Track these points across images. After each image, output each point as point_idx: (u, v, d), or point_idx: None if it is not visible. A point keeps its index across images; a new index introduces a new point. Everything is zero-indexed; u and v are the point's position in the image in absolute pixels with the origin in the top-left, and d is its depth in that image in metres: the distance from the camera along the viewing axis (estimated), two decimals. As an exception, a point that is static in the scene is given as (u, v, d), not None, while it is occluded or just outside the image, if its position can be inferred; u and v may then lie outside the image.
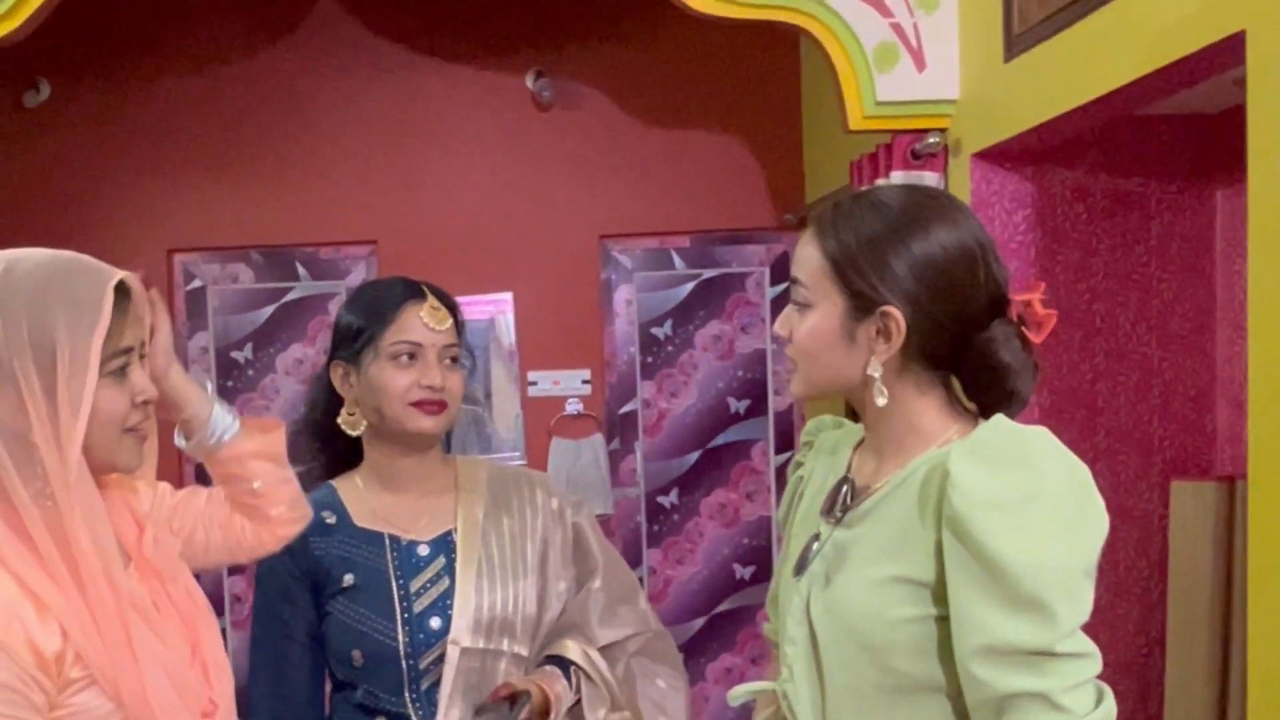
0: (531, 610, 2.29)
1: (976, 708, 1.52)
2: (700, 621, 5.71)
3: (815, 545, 1.74)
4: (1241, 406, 3.49)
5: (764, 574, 5.71)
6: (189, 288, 5.45)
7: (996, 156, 3.69)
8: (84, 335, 1.56)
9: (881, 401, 1.64)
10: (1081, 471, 1.51)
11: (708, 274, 5.65)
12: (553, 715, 2.20)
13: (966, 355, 1.64)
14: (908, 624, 1.57)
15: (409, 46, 5.41)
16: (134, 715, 1.57)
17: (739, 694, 1.85)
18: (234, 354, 5.43)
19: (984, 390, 1.66)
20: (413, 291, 2.28)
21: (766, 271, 5.66)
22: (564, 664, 2.28)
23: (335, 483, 2.34)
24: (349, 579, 2.23)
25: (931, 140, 3.80)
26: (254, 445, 1.89)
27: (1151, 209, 3.78)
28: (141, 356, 1.68)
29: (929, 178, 3.82)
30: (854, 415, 1.83)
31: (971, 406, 1.70)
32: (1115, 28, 2.96)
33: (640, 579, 5.46)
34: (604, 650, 2.34)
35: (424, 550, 2.27)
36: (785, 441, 5.69)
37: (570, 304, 5.51)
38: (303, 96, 5.39)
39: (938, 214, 1.65)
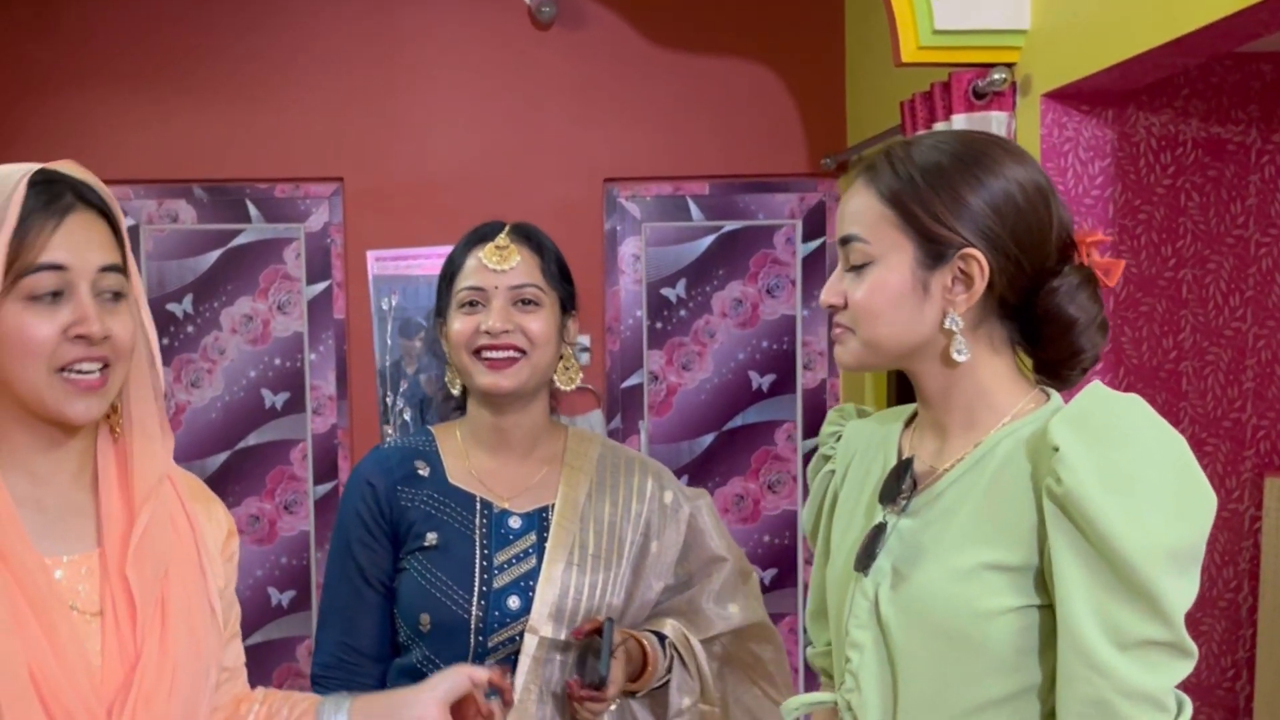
0: (617, 603, 2.39)
1: (1077, 708, 1.56)
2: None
3: (880, 538, 1.77)
4: (1349, 394, 3.51)
5: (788, 578, 5.76)
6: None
7: (1072, 97, 3.70)
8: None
9: (962, 357, 1.70)
10: (1182, 443, 1.58)
11: (729, 226, 5.66)
12: (648, 675, 2.33)
13: (1034, 305, 1.70)
14: (1005, 615, 1.63)
15: (384, -50, 5.40)
16: None
17: (794, 706, 1.92)
18: (171, 307, 5.42)
19: (1050, 346, 1.73)
20: (485, 232, 2.45)
21: (798, 225, 5.66)
22: (661, 640, 2.40)
23: (436, 431, 2.48)
24: (432, 538, 2.36)
25: (997, 77, 3.80)
26: None
27: (1251, 161, 3.77)
28: (119, 295, 1.69)
29: (996, 119, 3.84)
30: (902, 393, 1.88)
31: (1030, 375, 1.77)
32: None
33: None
34: (707, 642, 2.46)
35: (516, 522, 2.39)
36: (816, 424, 5.65)
37: (569, 259, 5.27)
38: (260, 8, 5.39)
39: (1002, 149, 1.71)
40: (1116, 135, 3.75)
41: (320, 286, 5.52)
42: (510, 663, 2.32)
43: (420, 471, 2.42)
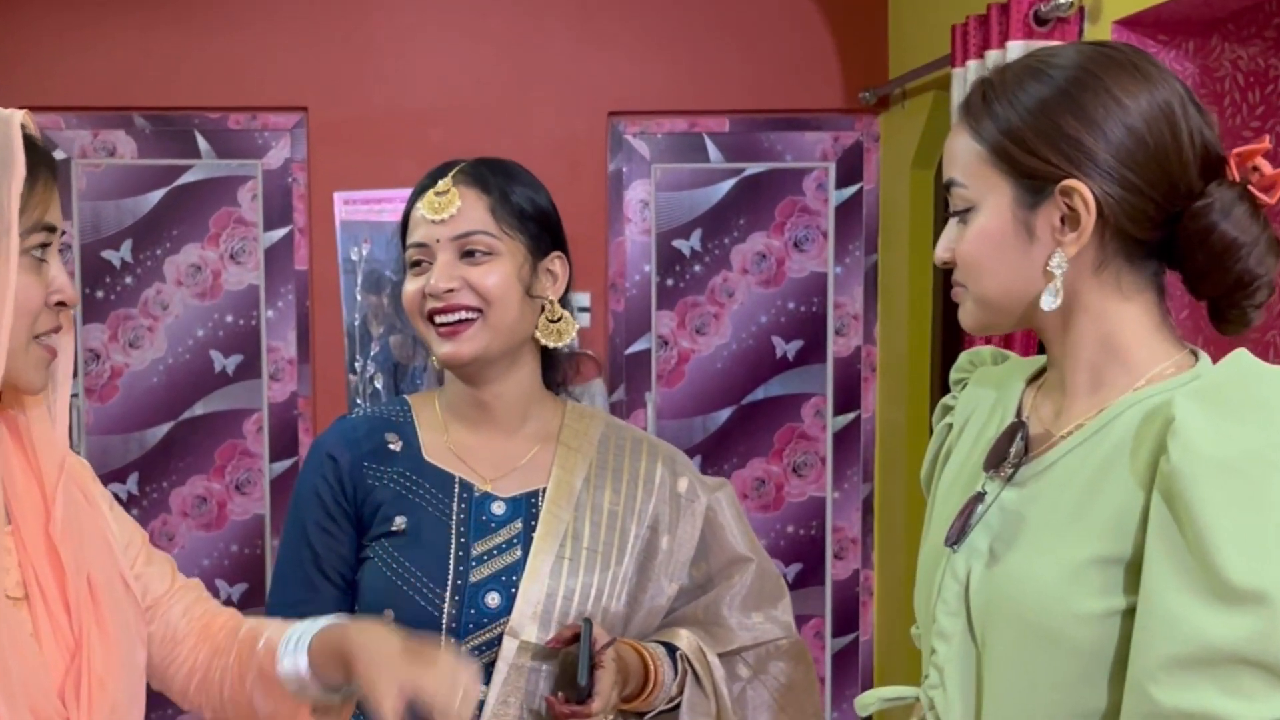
0: (618, 608, 2.34)
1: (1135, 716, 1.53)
2: (727, 636, 5.65)
3: (978, 510, 1.76)
4: None
5: (814, 575, 5.74)
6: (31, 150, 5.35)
7: (1148, 24, 3.68)
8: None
9: (1052, 303, 1.67)
10: None
11: (752, 169, 5.58)
12: (652, 693, 2.29)
13: (1180, 235, 1.65)
14: (1096, 622, 1.58)
15: None
16: None
17: (869, 701, 1.92)
18: (106, 254, 5.36)
19: (1206, 279, 1.66)
20: (432, 176, 2.39)
21: (832, 168, 5.60)
22: (672, 652, 2.37)
23: (413, 400, 2.46)
24: (400, 522, 2.31)
25: (1063, 1, 3.79)
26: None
27: None
28: (62, 248, 1.75)
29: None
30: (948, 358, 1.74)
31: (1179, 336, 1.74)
32: None
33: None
34: (726, 657, 2.41)
35: (499, 508, 2.34)
36: (848, 398, 5.69)
37: (566, 204, 5.25)
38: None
39: (1119, 66, 1.67)
40: (1199, 70, 3.72)
41: (280, 233, 5.47)
42: (487, 671, 2.26)
43: (391, 445, 2.38)
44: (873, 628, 5.76)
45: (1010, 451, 1.77)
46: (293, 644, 2.01)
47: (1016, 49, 3.85)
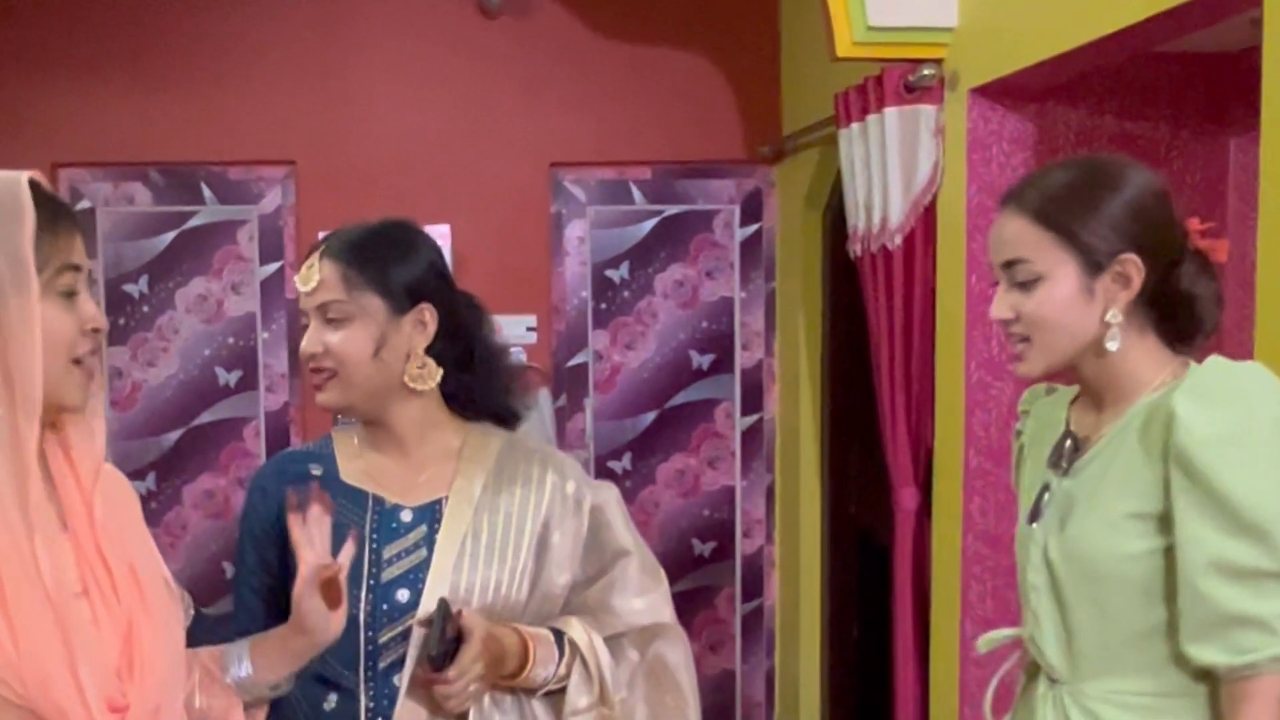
0: (518, 598, 2.35)
1: (1196, 632, 1.82)
2: (653, 604, 5.81)
3: (1046, 496, 2.03)
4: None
5: (726, 551, 5.84)
6: (76, 209, 5.23)
7: (996, 93, 3.79)
8: (11, 239, 1.62)
9: (1115, 346, 1.93)
10: None
11: (671, 210, 5.72)
12: (529, 667, 2.28)
13: (1167, 290, 1.94)
14: (1140, 559, 1.88)
15: (335, -61, 5.42)
16: (23, 699, 1.61)
17: (988, 641, 2.17)
18: (126, 287, 5.43)
19: (1179, 322, 1.96)
20: (308, 252, 2.38)
21: (736, 210, 5.74)
22: (560, 637, 2.36)
23: (336, 435, 2.46)
24: None
25: (926, 72, 3.90)
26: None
27: (1160, 155, 3.86)
28: (92, 283, 1.75)
29: (925, 113, 3.94)
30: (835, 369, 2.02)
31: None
32: None
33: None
34: (611, 640, 2.41)
35: (407, 516, 2.34)
36: (753, 402, 5.80)
37: (514, 240, 5.56)
38: (211, -6, 5.39)
39: (1119, 163, 1.97)
40: (1037, 129, 3.85)
41: (273, 267, 5.55)
42: (399, 658, 2.28)
43: (314, 472, 2.36)
44: (775, 594, 5.85)
45: (1063, 453, 2.04)
46: (230, 650, 2.07)
47: (891, 114, 3.95)
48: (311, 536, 2.07)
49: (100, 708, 1.65)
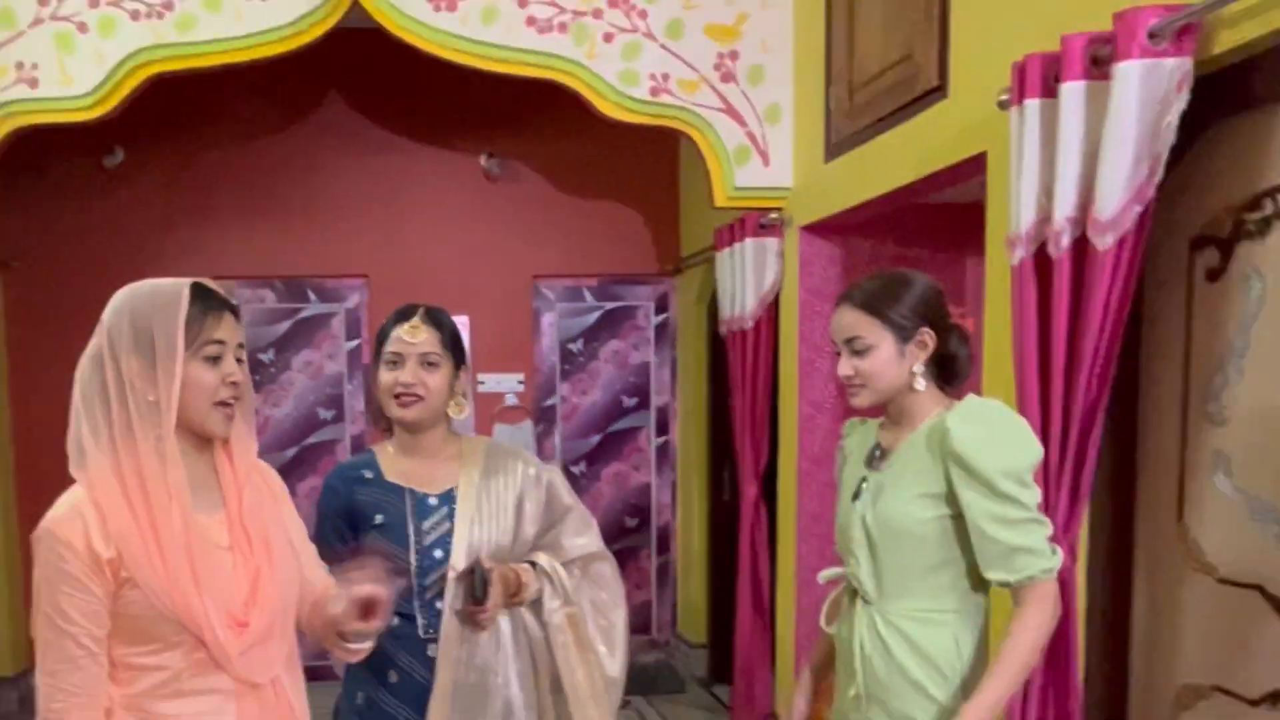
0: (507, 546, 2.31)
1: (990, 563, 1.83)
2: (599, 558, 5.77)
3: (864, 485, 2.00)
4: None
5: (645, 523, 5.80)
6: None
7: (817, 229, 3.80)
8: (169, 323, 1.61)
9: (922, 386, 1.93)
10: (1020, 420, 1.88)
11: (609, 306, 5.69)
12: (523, 592, 2.29)
13: (943, 351, 1.94)
14: (928, 522, 1.88)
15: (393, 131, 5.42)
16: (171, 611, 1.61)
17: (826, 575, 2.12)
18: (260, 356, 5.40)
19: (948, 372, 1.96)
20: (403, 314, 2.31)
21: (652, 305, 5.72)
22: (534, 565, 2.35)
23: (375, 448, 2.38)
24: (379, 518, 2.26)
25: (773, 216, 3.92)
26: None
27: (922, 269, 3.76)
28: (240, 360, 1.70)
29: (771, 244, 3.95)
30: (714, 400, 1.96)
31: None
32: (900, 144, 3.10)
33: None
34: (565, 564, 2.39)
35: (433, 501, 2.29)
36: (663, 428, 5.76)
37: (510, 325, 5.54)
38: (314, 164, 5.39)
39: (912, 272, 1.98)
40: (844, 253, 3.85)
41: (354, 343, 5.50)
42: (439, 593, 2.24)
43: (367, 476, 2.30)
44: (677, 551, 5.83)
45: (875, 457, 2.01)
46: (336, 599, 1.95)
47: (750, 243, 3.95)
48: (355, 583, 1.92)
49: (223, 622, 1.64)
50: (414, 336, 2.26)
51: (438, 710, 2.23)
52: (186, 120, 5.23)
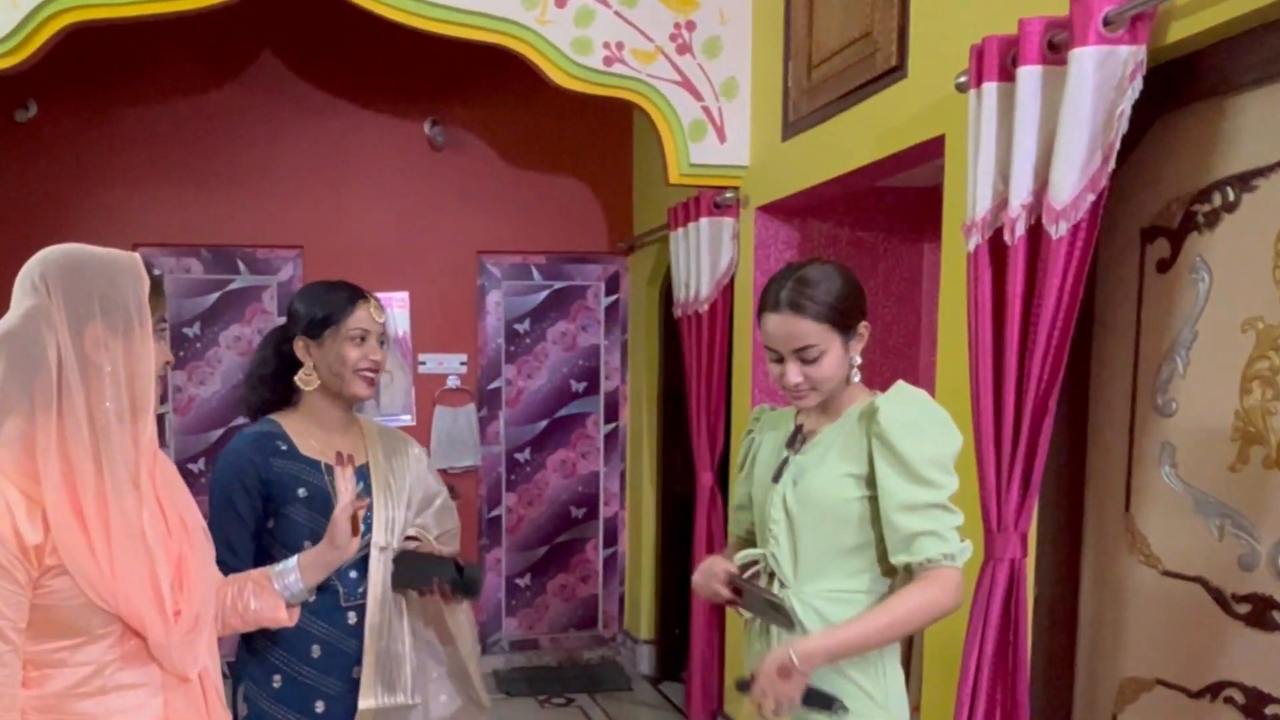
0: (408, 518, 2.49)
1: (895, 547, 1.93)
2: (544, 549, 5.82)
3: (786, 466, 2.08)
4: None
5: (593, 514, 5.84)
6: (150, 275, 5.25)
7: (773, 210, 3.86)
8: (139, 295, 1.60)
9: (858, 377, 2.04)
10: (942, 410, 1.96)
11: (558, 285, 5.71)
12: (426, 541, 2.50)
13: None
14: (851, 503, 1.97)
15: (332, 94, 5.39)
16: (105, 599, 1.58)
17: (743, 556, 2.17)
18: (185, 330, 5.35)
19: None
20: (362, 293, 2.41)
21: (602, 285, 5.75)
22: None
23: (276, 418, 2.41)
24: (302, 492, 2.33)
25: (728, 195, 3.97)
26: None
27: (879, 254, 3.98)
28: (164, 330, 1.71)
29: (728, 223, 4.01)
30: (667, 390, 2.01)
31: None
32: (859, 125, 3.17)
33: (499, 516, 5.69)
34: (438, 538, 2.56)
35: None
36: (612, 414, 5.80)
37: (453, 303, 5.55)
38: (246, 127, 5.34)
39: (831, 265, 2.04)
40: (800, 235, 3.92)
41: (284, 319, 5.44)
42: (365, 564, 2.37)
43: (282, 447, 2.34)
44: (625, 543, 5.87)
45: (797, 440, 2.10)
46: (280, 569, 2.07)
47: (705, 223, 4.02)
48: (346, 483, 2.09)
49: (160, 609, 1.63)
50: (379, 315, 2.41)
51: (368, 677, 2.37)
52: (107, 75, 5.17)
